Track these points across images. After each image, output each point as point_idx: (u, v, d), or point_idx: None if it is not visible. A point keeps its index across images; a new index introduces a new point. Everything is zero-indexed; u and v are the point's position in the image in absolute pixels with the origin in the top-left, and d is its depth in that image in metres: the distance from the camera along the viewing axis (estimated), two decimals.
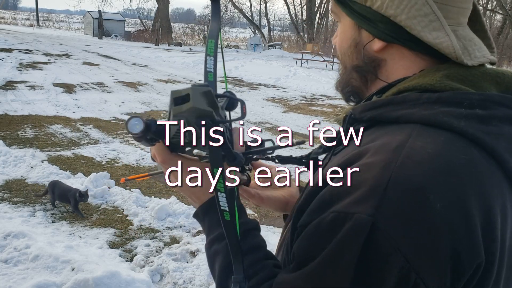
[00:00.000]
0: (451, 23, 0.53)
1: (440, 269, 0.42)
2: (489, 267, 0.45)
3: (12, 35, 22.63)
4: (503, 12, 24.98)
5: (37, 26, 38.94)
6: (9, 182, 3.77)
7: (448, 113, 0.47)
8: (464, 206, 0.43)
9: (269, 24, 31.69)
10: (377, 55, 0.57)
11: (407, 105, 0.50)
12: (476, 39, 0.55)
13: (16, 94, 7.66)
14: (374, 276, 0.42)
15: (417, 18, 0.52)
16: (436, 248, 0.42)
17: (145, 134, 0.50)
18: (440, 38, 0.51)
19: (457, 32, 0.53)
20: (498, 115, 0.48)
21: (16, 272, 2.39)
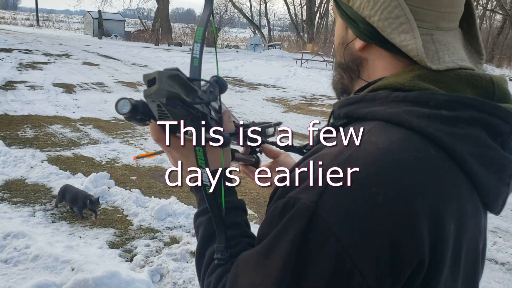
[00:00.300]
0: (428, 27, 0.53)
1: (376, 260, 0.43)
2: (438, 266, 0.46)
3: (12, 35, 22.63)
4: (503, 12, 24.97)
5: (37, 26, 38.94)
6: (9, 182, 3.77)
7: (410, 112, 0.48)
8: (408, 201, 0.44)
9: (269, 24, 31.69)
10: (359, 54, 0.58)
11: (376, 102, 0.51)
12: (455, 44, 0.55)
13: (16, 94, 7.66)
14: (312, 258, 0.44)
15: (389, 20, 0.53)
16: (373, 238, 0.43)
17: (133, 114, 0.55)
18: (406, 40, 0.52)
19: (433, 36, 0.53)
20: (465, 117, 0.48)
21: (16, 272, 2.39)
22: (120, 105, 0.54)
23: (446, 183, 0.47)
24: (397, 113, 0.49)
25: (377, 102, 0.52)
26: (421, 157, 0.46)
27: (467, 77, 0.51)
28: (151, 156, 0.87)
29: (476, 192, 0.50)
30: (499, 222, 3.60)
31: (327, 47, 23.56)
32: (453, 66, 0.52)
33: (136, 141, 5.36)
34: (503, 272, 2.84)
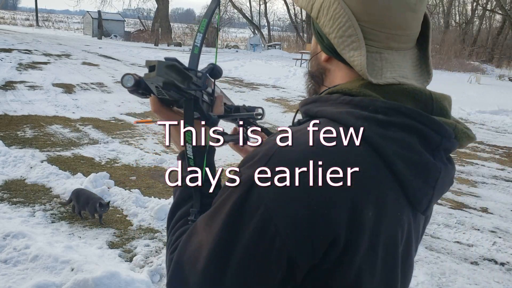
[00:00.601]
0: (379, 46, 0.60)
1: (296, 231, 0.51)
2: (353, 246, 0.53)
3: (12, 35, 22.61)
4: (502, 12, 24.97)
5: (37, 26, 38.92)
6: (8, 182, 3.76)
7: (351, 113, 0.56)
8: (325, 184, 0.52)
9: (269, 24, 31.69)
10: (324, 65, 0.66)
11: (328, 103, 0.60)
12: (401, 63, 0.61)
13: (16, 94, 7.66)
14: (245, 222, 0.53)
15: (342, 38, 0.60)
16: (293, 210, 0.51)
17: (136, 88, 0.64)
18: (354, 56, 0.59)
19: (382, 54, 0.60)
20: (397, 122, 0.55)
21: (16, 273, 2.39)
22: (125, 80, 0.63)
23: (368, 174, 0.53)
24: (340, 112, 0.57)
25: (328, 103, 0.59)
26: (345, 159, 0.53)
27: (408, 91, 0.58)
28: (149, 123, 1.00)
29: (402, 190, 0.56)
30: (498, 222, 3.61)
31: None
32: (392, 82, 0.58)
33: (136, 141, 5.35)
34: (503, 272, 2.84)
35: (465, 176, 4.78)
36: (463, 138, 0.60)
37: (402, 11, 0.59)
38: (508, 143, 6.60)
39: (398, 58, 0.61)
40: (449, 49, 24.14)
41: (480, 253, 3.06)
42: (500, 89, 14.45)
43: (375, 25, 0.59)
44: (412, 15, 0.60)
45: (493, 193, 4.30)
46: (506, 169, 5.19)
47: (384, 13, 0.58)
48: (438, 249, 3.07)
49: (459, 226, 3.47)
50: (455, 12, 32.68)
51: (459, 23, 31.46)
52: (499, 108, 9.27)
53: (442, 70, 21.32)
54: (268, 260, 0.53)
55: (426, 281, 2.63)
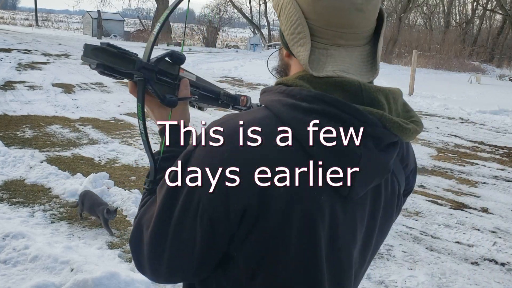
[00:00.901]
0: (326, 43, 0.65)
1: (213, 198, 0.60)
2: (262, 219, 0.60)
3: (11, 35, 22.60)
4: (502, 12, 24.97)
5: (36, 26, 38.89)
6: (8, 183, 3.76)
7: (280, 101, 0.62)
8: (244, 157, 0.59)
9: (269, 24, 31.66)
10: (286, 60, 0.71)
11: (271, 92, 0.66)
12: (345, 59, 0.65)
13: (15, 94, 7.65)
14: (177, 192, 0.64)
15: (293, 34, 0.65)
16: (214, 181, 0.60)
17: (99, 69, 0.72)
18: (300, 52, 0.64)
19: (328, 50, 0.65)
20: (319, 109, 0.60)
21: (15, 273, 2.38)
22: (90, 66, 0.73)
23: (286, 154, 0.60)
24: (273, 100, 0.63)
25: (271, 92, 0.66)
26: (268, 131, 0.60)
27: (338, 82, 0.62)
28: None
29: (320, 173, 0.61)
30: (499, 223, 3.60)
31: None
32: (332, 75, 0.63)
33: (136, 141, 5.35)
34: (503, 272, 2.84)
35: (466, 176, 4.78)
36: (395, 128, 0.62)
37: (348, 11, 0.62)
38: (508, 143, 6.59)
39: (344, 54, 0.65)
40: (449, 49, 24.12)
41: (480, 254, 3.06)
42: (500, 89, 14.44)
43: (323, 24, 0.63)
44: (358, 14, 0.63)
45: (493, 193, 4.30)
46: (507, 169, 5.18)
47: (330, 12, 0.62)
48: (438, 250, 3.07)
49: (459, 227, 3.47)
50: (455, 12, 32.67)
51: (460, 23, 31.44)
52: (500, 108, 9.27)
53: (443, 70, 21.31)
54: (194, 227, 0.62)
55: (427, 281, 2.62)
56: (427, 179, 4.58)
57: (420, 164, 5.11)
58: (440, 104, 9.70)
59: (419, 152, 5.65)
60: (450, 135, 6.90)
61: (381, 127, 0.61)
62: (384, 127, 0.61)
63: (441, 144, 6.19)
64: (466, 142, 6.44)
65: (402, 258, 2.90)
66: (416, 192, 4.16)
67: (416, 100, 10.19)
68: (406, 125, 0.63)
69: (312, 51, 0.64)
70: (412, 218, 3.55)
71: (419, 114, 8.25)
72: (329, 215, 0.62)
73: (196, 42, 29.29)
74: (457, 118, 8.49)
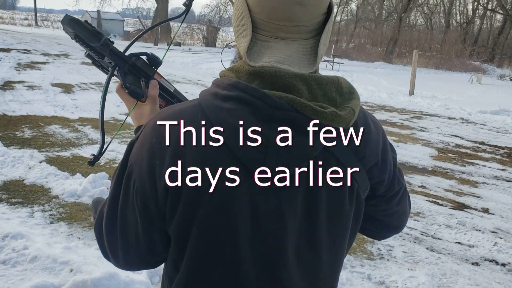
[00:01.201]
0: (268, 35, 0.68)
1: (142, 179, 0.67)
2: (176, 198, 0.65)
3: (10, 34, 22.59)
4: (503, 12, 24.96)
5: (36, 25, 38.86)
6: (7, 183, 3.75)
7: (207, 91, 0.68)
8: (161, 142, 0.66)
9: None
10: (238, 52, 0.74)
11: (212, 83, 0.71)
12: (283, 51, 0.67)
13: (14, 94, 7.64)
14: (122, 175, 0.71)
15: (238, 27, 0.69)
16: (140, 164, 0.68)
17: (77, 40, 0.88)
18: (242, 43, 0.68)
19: (269, 42, 0.68)
20: (234, 95, 0.64)
21: (14, 273, 2.38)
22: None
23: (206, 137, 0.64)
24: (203, 91, 0.69)
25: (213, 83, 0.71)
26: (189, 119, 0.66)
27: (257, 71, 0.64)
28: None
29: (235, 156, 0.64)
30: (500, 223, 3.59)
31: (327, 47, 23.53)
32: (267, 65, 0.65)
33: None
34: (504, 273, 2.83)
35: (466, 177, 4.77)
36: (307, 111, 0.63)
37: (288, 5, 0.64)
38: (509, 143, 6.58)
39: (284, 46, 0.67)
40: (450, 49, 24.11)
41: (481, 254, 3.05)
42: (501, 89, 14.43)
43: (265, 17, 0.66)
44: (299, 8, 0.65)
45: (494, 194, 4.29)
46: (507, 169, 5.17)
47: (272, 5, 0.65)
48: (439, 250, 3.06)
49: (460, 227, 3.46)
50: (456, 12, 32.66)
51: (460, 23, 31.43)
52: (500, 108, 9.26)
53: (443, 70, 21.31)
54: (134, 209, 0.69)
55: (427, 282, 2.62)
56: (427, 179, 4.57)
57: (421, 164, 5.10)
58: (440, 104, 9.69)
59: (419, 152, 5.64)
60: (451, 135, 6.89)
61: (292, 111, 0.62)
62: (297, 110, 0.62)
63: (441, 144, 6.18)
64: (466, 142, 6.43)
65: (402, 258, 2.89)
66: (416, 192, 4.15)
67: (416, 100, 10.18)
68: (321, 108, 0.63)
69: (255, 42, 0.68)
70: (413, 219, 3.54)
71: (419, 114, 8.21)
72: (248, 201, 0.65)
73: (196, 41, 29.27)
74: (458, 118, 8.48)
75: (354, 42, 29.87)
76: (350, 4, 33.42)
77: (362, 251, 2.95)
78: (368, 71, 17.07)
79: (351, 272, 2.66)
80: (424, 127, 7.36)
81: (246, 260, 0.68)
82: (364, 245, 3.03)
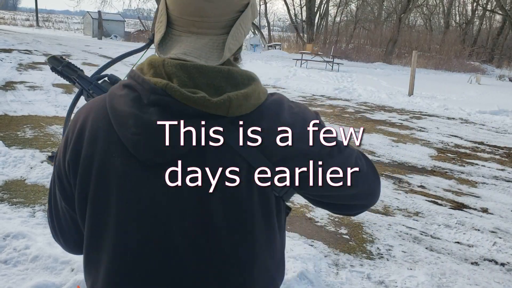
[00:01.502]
0: (181, 30, 0.73)
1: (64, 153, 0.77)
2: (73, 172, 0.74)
3: (12, 35, 22.61)
4: (502, 13, 24.97)
5: (37, 26, 38.90)
6: (8, 183, 3.76)
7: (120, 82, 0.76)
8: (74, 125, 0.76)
9: (269, 24, 31.69)
10: None
11: None
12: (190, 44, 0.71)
13: (16, 95, 7.65)
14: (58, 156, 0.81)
15: (158, 23, 0.75)
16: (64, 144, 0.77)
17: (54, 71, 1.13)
18: (156, 37, 0.74)
19: (181, 37, 0.72)
20: (126, 83, 0.72)
21: (16, 273, 2.39)
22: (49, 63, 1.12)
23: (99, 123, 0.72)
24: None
25: None
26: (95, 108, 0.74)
27: (152, 62, 0.70)
28: None
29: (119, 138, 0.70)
30: (499, 223, 3.60)
31: (327, 48, 23.57)
32: (173, 57, 0.70)
33: None
34: (503, 272, 2.84)
35: (465, 177, 4.78)
36: (177, 96, 0.66)
37: (197, 2, 0.70)
38: (508, 143, 6.60)
39: (194, 40, 0.72)
40: (449, 49, 24.13)
41: (480, 254, 3.06)
42: (500, 89, 14.44)
43: (178, 13, 0.72)
44: (208, 4, 0.69)
45: (493, 194, 4.30)
46: (507, 169, 5.19)
47: (183, 2, 0.71)
48: (438, 250, 3.07)
49: (459, 227, 3.47)
50: (455, 13, 32.66)
51: (459, 23, 31.44)
52: (499, 108, 9.27)
53: (442, 71, 21.31)
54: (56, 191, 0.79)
55: (426, 282, 2.63)
56: (427, 179, 4.59)
57: (420, 164, 5.11)
58: (440, 105, 9.71)
59: (419, 152, 5.66)
60: (450, 135, 6.90)
61: (164, 95, 0.67)
62: (169, 95, 0.66)
63: (441, 145, 6.20)
64: (466, 143, 6.45)
65: (402, 258, 2.91)
66: (416, 192, 4.17)
67: (416, 101, 10.19)
68: (191, 94, 0.66)
69: (170, 37, 0.73)
70: (412, 218, 3.55)
71: (419, 114, 8.19)
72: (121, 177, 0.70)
73: None
74: (457, 119, 8.50)
75: (354, 43, 29.88)
76: (349, 5, 33.46)
77: (362, 250, 2.96)
78: (368, 72, 17.08)
79: (351, 271, 2.68)
80: (424, 127, 7.38)
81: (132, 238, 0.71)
82: (364, 244, 3.05)
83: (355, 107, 9.12)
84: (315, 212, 3.51)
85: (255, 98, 0.70)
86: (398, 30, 24.53)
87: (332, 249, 2.93)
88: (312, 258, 2.71)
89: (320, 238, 3.08)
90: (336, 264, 2.74)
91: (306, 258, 2.68)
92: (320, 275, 2.58)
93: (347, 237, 3.13)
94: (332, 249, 2.94)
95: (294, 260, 2.64)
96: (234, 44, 0.72)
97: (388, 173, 4.68)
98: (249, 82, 0.71)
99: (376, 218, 3.50)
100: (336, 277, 2.60)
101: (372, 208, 3.70)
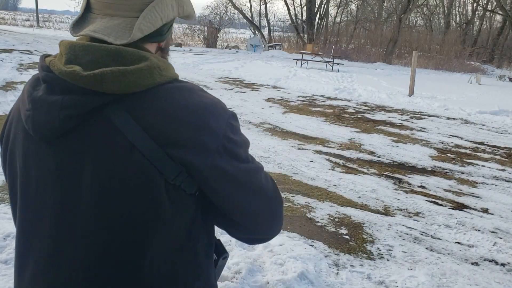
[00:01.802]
0: (98, 13, 0.76)
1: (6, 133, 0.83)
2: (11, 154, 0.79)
3: (12, 35, 22.63)
4: (503, 13, 24.97)
5: (37, 26, 38.93)
6: None
7: None
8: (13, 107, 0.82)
9: (269, 24, 31.69)
10: None
11: None
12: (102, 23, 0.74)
13: (16, 95, 7.65)
14: None
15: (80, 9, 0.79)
16: None
17: None
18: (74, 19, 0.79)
19: (97, 18, 0.75)
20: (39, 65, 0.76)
21: None
22: None
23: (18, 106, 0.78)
24: None
25: None
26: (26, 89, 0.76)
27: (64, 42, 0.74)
28: None
29: None
30: (499, 223, 3.60)
31: (327, 48, 23.57)
32: (84, 34, 0.73)
33: None
34: (504, 273, 2.84)
35: (466, 177, 4.78)
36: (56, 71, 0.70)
37: None
38: (508, 143, 6.60)
39: (107, 21, 0.74)
40: (449, 49, 24.13)
41: (480, 254, 3.06)
42: (500, 89, 14.45)
43: None
44: None
45: (493, 194, 4.30)
46: (507, 169, 5.19)
47: None
48: (438, 250, 3.07)
49: (459, 227, 3.47)
50: (455, 13, 32.68)
51: (460, 23, 31.45)
52: (500, 108, 9.27)
53: (443, 71, 21.31)
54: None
55: (427, 282, 2.63)
56: (427, 179, 4.59)
57: (420, 164, 5.11)
58: (440, 105, 9.71)
59: (419, 152, 5.66)
60: (450, 135, 6.90)
61: (48, 71, 0.71)
62: (51, 71, 0.71)
63: (441, 145, 6.20)
64: (466, 143, 6.45)
65: (402, 258, 2.91)
66: (416, 192, 4.17)
67: (416, 101, 10.20)
68: (65, 68, 0.69)
69: (86, 20, 0.76)
70: (412, 219, 3.55)
71: (419, 114, 8.19)
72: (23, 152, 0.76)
73: (197, 42, 29.31)
74: (457, 119, 8.49)
75: (354, 43, 29.90)
76: (350, 5, 33.47)
77: (362, 250, 2.96)
78: (368, 72, 17.08)
79: (351, 271, 2.68)
80: (424, 127, 7.38)
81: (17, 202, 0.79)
82: (364, 245, 3.05)
83: (355, 107, 9.12)
84: (316, 212, 3.51)
85: (142, 77, 0.68)
86: (398, 30, 24.54)
87: (333, 249, 2.93)
88: (312, 258, 2.71)
89: (321, 238, 3.08)
90: (336, 264, 2.74)
91: (306, 258, 2.68)
92: (321, 275, 2.58)
93: (347, 237, 3.13)
94: (333, 249, 2.94)
95: (294, 260, 2.64)
96: (147, 26, 0.73)
97: (389, 173, 4.68)
98: (139, 61, 0.69)
99: (377, 218, 3.50)
100: (336, 277, 2.60)
101: (373, 208, 3.70)
